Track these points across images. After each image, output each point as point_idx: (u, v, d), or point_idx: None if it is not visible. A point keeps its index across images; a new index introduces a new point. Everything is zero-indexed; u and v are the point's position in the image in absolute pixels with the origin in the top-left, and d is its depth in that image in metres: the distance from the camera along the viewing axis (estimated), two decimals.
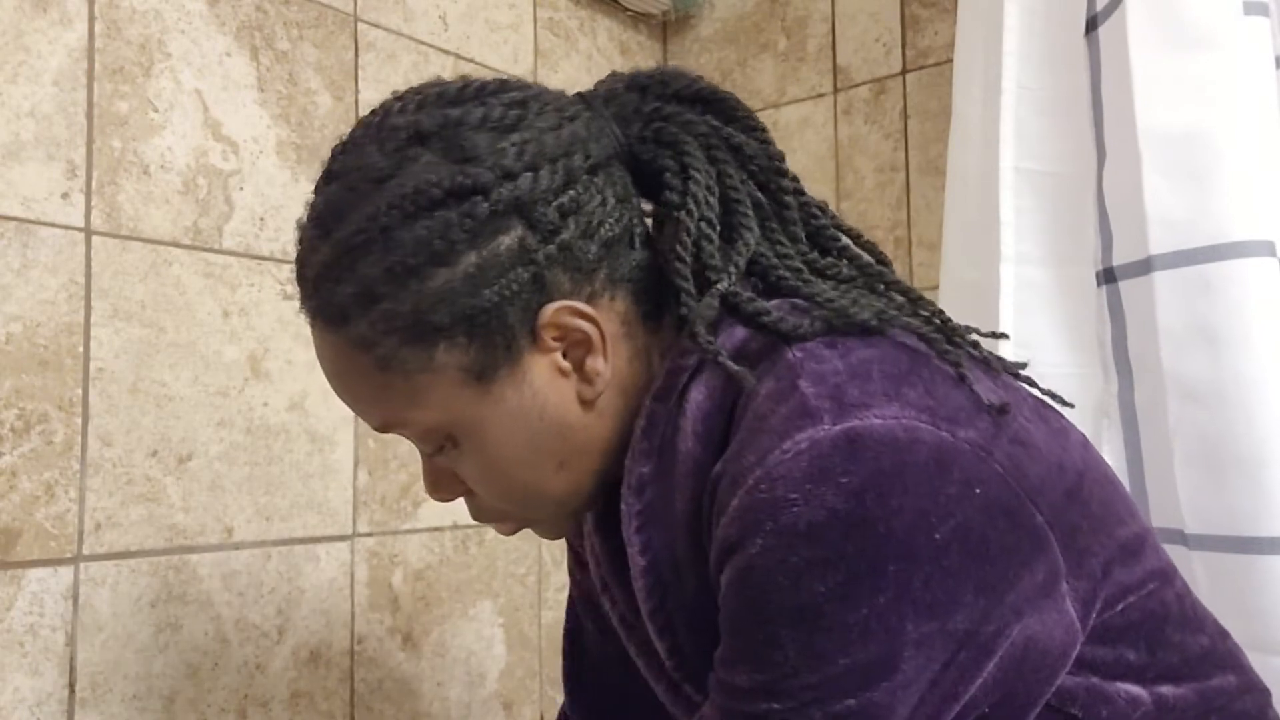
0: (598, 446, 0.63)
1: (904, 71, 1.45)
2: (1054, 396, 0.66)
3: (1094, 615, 0.59)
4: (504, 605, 1.30)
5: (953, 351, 0.61)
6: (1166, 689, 0.61)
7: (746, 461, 0.54)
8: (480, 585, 1.27)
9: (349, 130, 0.64)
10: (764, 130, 0.67)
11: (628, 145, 0.64)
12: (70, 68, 0.94)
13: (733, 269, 0.60)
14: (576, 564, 0.84)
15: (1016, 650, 0.55)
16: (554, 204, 0.58)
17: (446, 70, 1.27)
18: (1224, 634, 0.67)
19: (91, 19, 0.96)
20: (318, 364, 0.64)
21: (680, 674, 0.65)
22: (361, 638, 1.14)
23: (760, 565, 0.52)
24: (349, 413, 1.13)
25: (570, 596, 0.87)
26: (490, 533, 1.28)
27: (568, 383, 0.61)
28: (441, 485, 0.67)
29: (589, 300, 0.60)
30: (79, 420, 0.93)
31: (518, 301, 0.58)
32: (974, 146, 1.13)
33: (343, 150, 0.62)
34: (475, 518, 0.69)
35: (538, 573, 1.34)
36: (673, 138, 0.64)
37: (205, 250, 1.03)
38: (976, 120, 1.14)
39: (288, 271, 1.09)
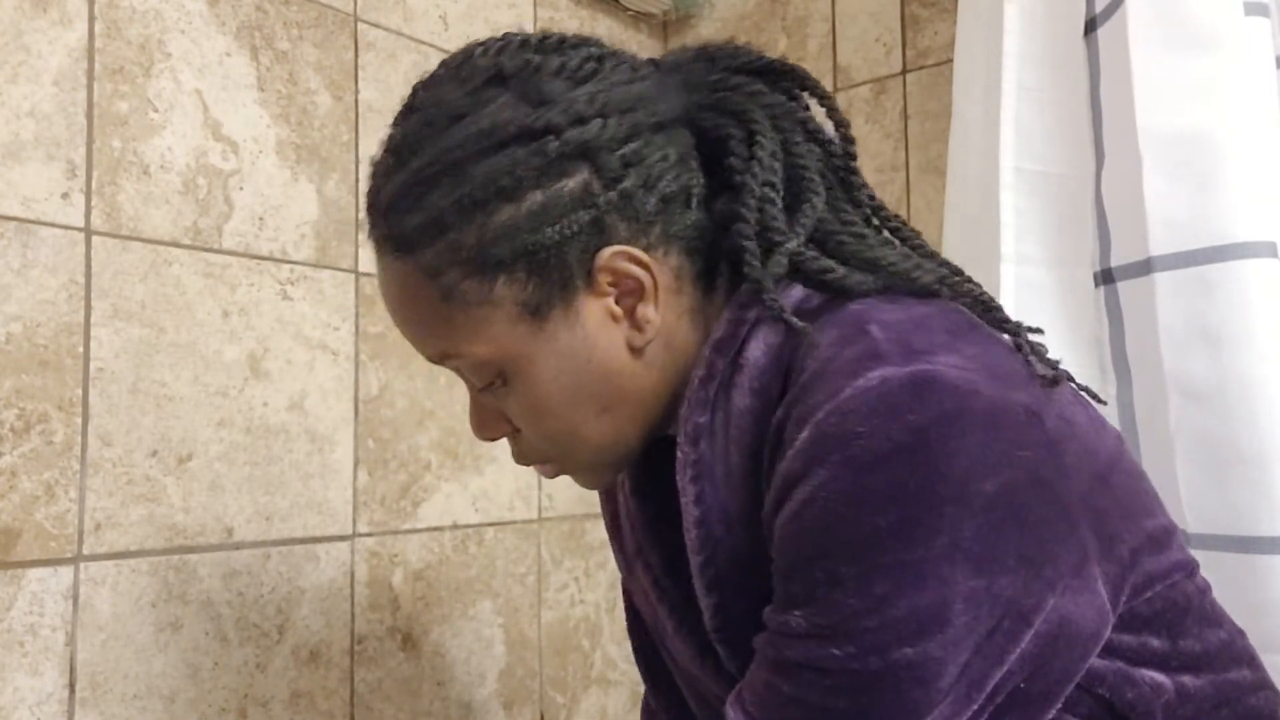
0: (641, 396, 0.65)
1: (904, 71, 1.45)
2: (1088, 392, 0.67)
3: (1123, 601, 0.60)
4: (504, 605, 1.30)
5: (1011, 322, 0.64)
6: (1187, 679, 0.63)
7: (815, 400, 0.55)
8: (480, 585, 1.27)
9: (427, 77, 0.65)
10: (832, 99, 0.69)
11: (693, 111, 0.66)
12: (70, 68, 0.94)
13: (800, 230, 0.62)
14: (617, 546, 0.83)
15: (1051, 627, 0.56)
16: (618, 153, 0.61)
17: None
18: (1240, 632, 0.68)
19: (91, 19, 0.96)
20: (317, 364, 0.64)
21: (720, 635, 0.65)
22: (361, 638, 1.14)
23: (824, 495, 0.54)
24: (349, 413, 1.14)
25: (624, 586, 0.86)
26: (490, 533, 1.28)
27: (618, 328, 0.63)
28: (487, 424, 0.68)
29: (644, 251, 0.62)
30: (79, 420, 0.93)
31: (577, 242, 0.60)
32: (974, 147, 1.13)
33: (424, 86, 0.65)
34: (517, 459, 0.70)
35: (538, 573, 1.34)
36: (738, 106, 0.65)
37: (205, 250, 1.03)
38: (976, 120, 1.14)
39: (287, 271, 1.09)
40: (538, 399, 0.64)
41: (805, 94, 0.69)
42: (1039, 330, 0.66)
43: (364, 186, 1.18)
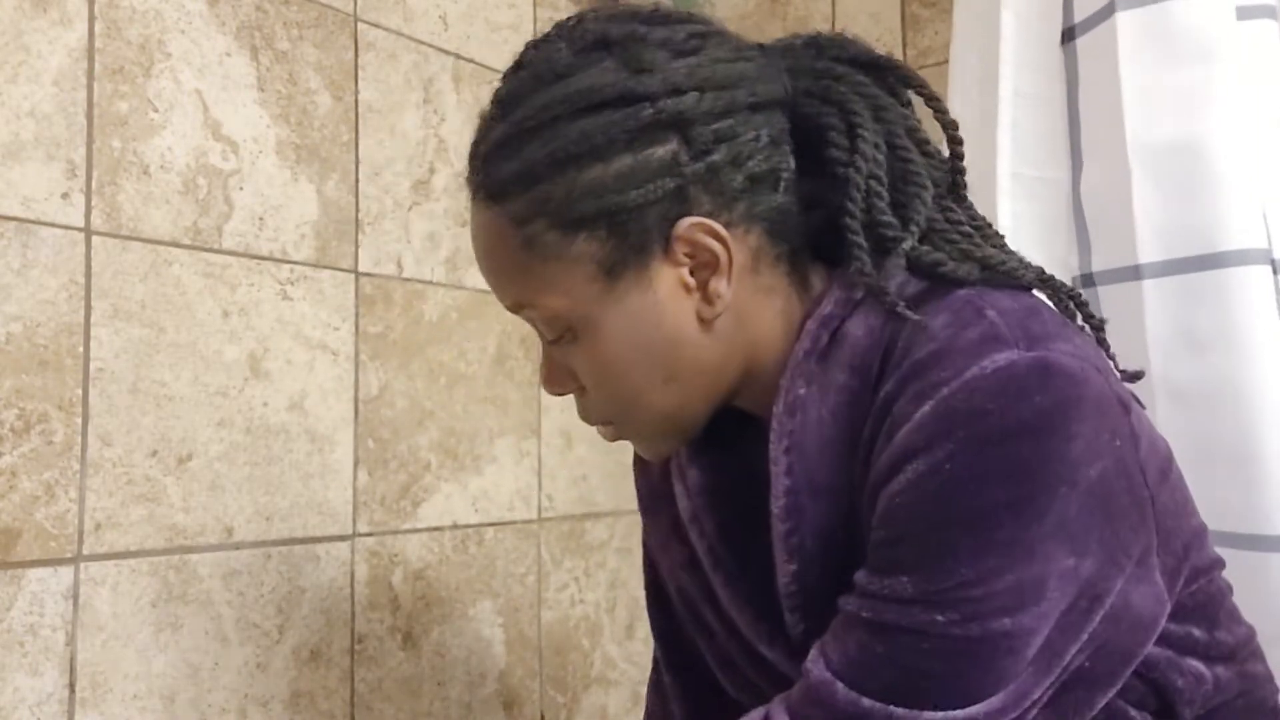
0: (707, 369, 0.66)
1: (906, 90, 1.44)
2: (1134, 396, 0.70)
3: (1176, 591, 0.64)
4: (504, 605, 1.30)
5: (1097, 319, 0.69)
6: (1220, 669, 0.66)
7: (938, 377, 0.57)
8: (480, 585, 1.27)
9: (524, 54, 0.68)
10: (940, 100, 0.71)
11: (793, 97, 0.67)
12: (70, 68, 0.94)
13: (913, 229, 0.64)
14: (651, 520, 0.85)
15: (1117, 610, 0.59)
16: (710, 127, 0.62)
17: (446, 71, 1.28)
18: (1253, 629, 0.72)
19: (91, 19, 0.96)
20: (317, 364, 0.64)
21: (792, 601, 0.67)
22: (361, 638, 1.14)
23: (949, 469, 0.56)
24: (349, 413, 1.14)
25: (649, 561, 0.88)
26: (490, 533, 1.28)
27: (689, 299, 0.64)
28: (555, 378, 0.69)
29: (725, 226, 0.63)
30: (79, 420, 0.93)
31: (658, 208, 0.62)
32: (970, 147, 1.14)
33: (534, 45, 0.67)
34: (582, 417, 0.71)
35: (537, 573, 1.34)
36: (841, 96, 0.66)
37: (205, 250, 1.03)
38: (973, 121, 1.15)
39: (287, 271, 1.09)
40: (604, 359, 0.65)
41: (910, 92, 0.70)
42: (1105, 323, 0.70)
43: (364, 187, 1.19)
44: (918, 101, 0.70)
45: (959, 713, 0.56)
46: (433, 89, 1.26)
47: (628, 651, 1.47)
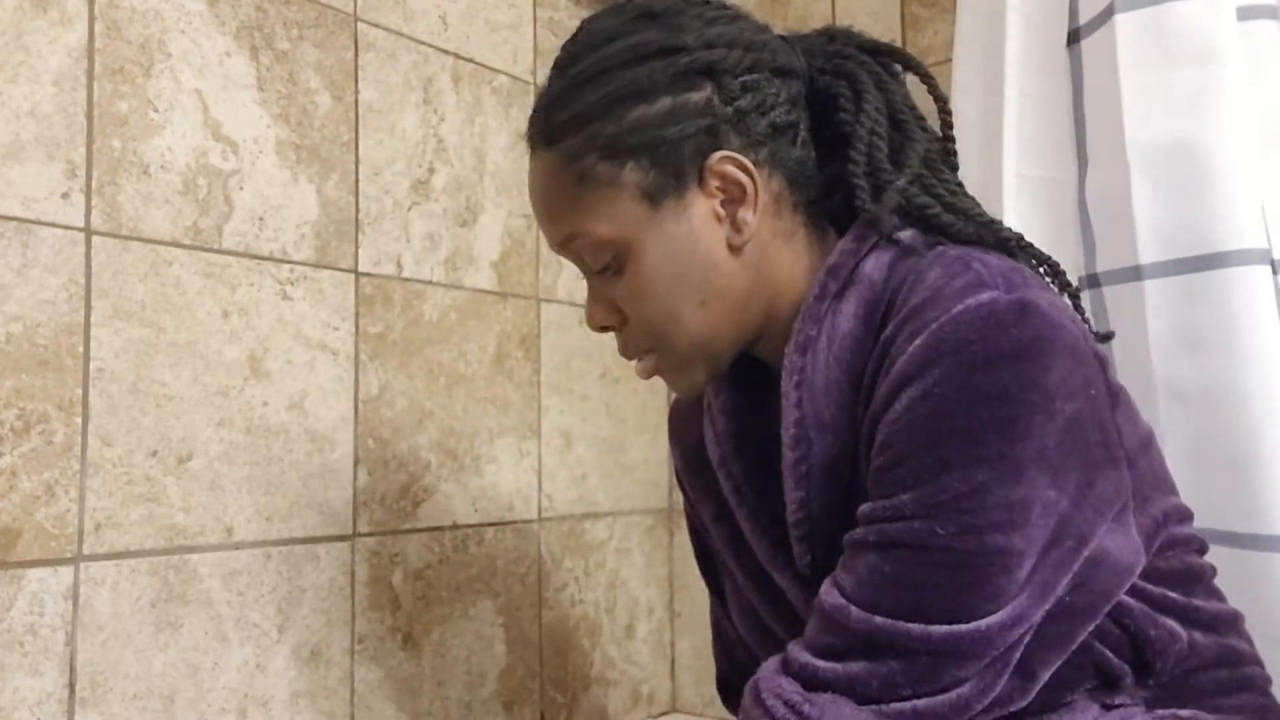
0: (736, 296, 0.74)
1: (904, 71, 1.45)
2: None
3: (1152, 551, 0.70)
4: (504, 605, 1.30)
5: (1072, 287, 0.77)
6: (1198, 634, 0.72)
7: (929, 316, 0.64)
8: (480, 585, 1.27)
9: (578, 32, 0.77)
10: (934, 78, 0.81)
11: (809, 75, 0.77)
12: (70, 68, 0.94)
13: (907, 171, 0.73)
14: (689, 480, 0.92)
15: (1096, 555, 0.65)
16: (739, 79, 0.72)
17: (446, 70, 1.28)
18: (1238, 612, 0.77)
19: (91, 19, 0.96)
20: (317, 364, 0.64)
21: (798, 530, 0.74)
22: (361, 638, 1.14)
23: (938, 391, 0.63)
24: (349, 413, 1.14)
25: (689, 516, 0.96)
26: (490, 533, 1.28)
27: (720, 228, 0.73)
28: (599, 313, 0.77)
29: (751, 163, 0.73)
30: (79, 420, 0.93)
31: (693, 142, 0.71)
32: (974, 147, 1.14)
33: (590, 20, 0.77)
34: (622, 352, 0.78)
35: (538, 573, 1.34)
36: (849, 71, 0.77)
37: (205, 250, 1.03)
38: (976, 120, 1.15)
39: (287, 271, 1.09)
40: (646, 281, 0.73)
41: (908, 72, 0.80)
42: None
43: (364, 187, 1.19)
44: (915, 83, 0.80)
45: (964, 626, 0.61)
46: (432, 89, 1.26)
47: (627, 651, 1.47)
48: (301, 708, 1.08)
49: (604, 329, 0.77)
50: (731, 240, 0.73)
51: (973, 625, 0.61)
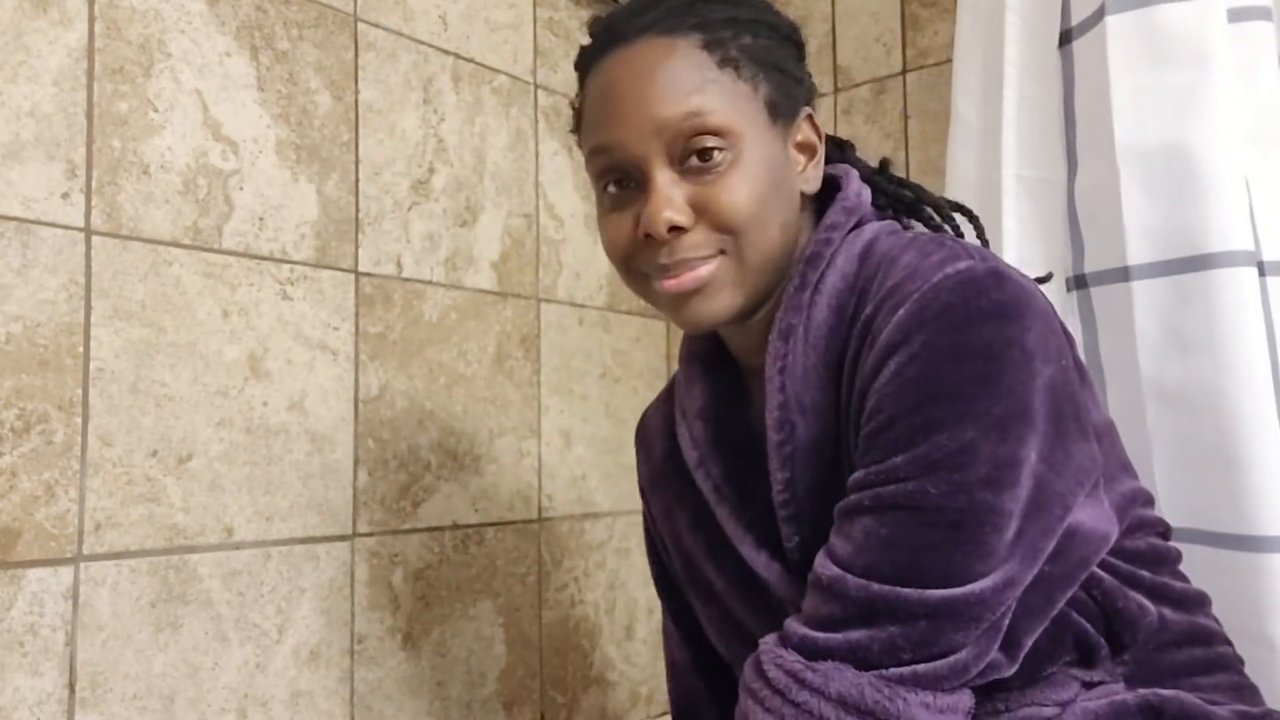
0: (788, 234, 0.77)
1: (904, 71, 1.45)
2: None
3: (1122, 527, 0.72)
4: (504, 605, 1.30)
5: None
6: (1167, 610, 0.74)
7: (911, 288, 0.67)
8: (480, 585, 1.27)
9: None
10: None
11: None
12: (70, 68, 0.94)
13: (879, 163, 0.84)
14: (656, 492, 0.94)
15: (1072, 524, 0.67)
16: (804, 63, 0.82)
17: (446, 70, 1.28)
18: (1205, 594, 0.79)
19: (91, 19, 0.96)
20: (317, 364, 0.64)
21: (785, 511, 0.75)
22: (361, 638, 1.14)
23: (925, 354, 0.65)
24: (349, 413, 1.14)
25: (649, 533, 0.99)
26: (490, 533, 1.28)
27: (796, 170, 0.78)
28: (674, 204, 0.74)
29: None
30: (79, 420, 0.93)
31: (801, 88, 0.79)
32: (974, 147, 1.14)
33: None
34: (667, 257, 0.74)
35: (538, 573, 1.34)
36: None
37: (205, 250, 1.03)
38: (976, 121, 1.15)
39: (287, 271, 1.09)
40: (751, 179, 0.74)
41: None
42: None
43: (364, 187, 1.19)
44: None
45: (959, 590, 0.62)
46: (432, 89, 1.26)
47: (627, 652, 1.47)
48: (301, 708, 1.07)
49: (673, 229, 0.73)
50: (801, 185, 0.78)
51: (966, 589, 0.62)
